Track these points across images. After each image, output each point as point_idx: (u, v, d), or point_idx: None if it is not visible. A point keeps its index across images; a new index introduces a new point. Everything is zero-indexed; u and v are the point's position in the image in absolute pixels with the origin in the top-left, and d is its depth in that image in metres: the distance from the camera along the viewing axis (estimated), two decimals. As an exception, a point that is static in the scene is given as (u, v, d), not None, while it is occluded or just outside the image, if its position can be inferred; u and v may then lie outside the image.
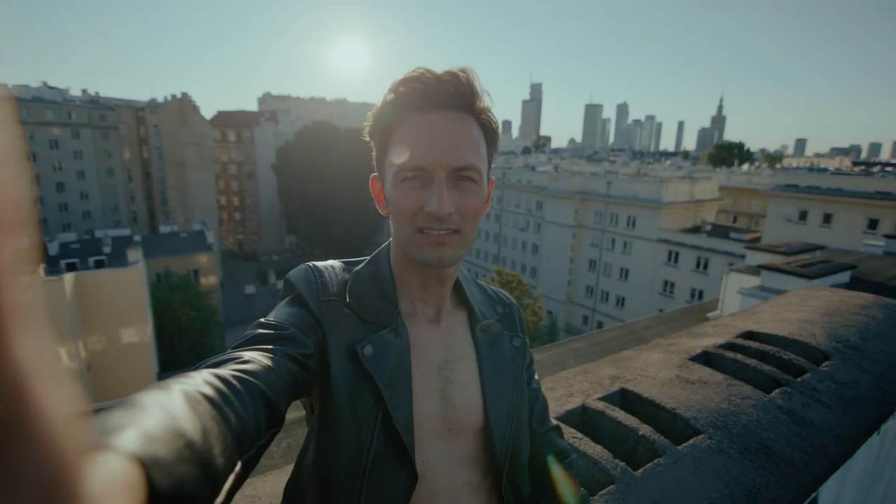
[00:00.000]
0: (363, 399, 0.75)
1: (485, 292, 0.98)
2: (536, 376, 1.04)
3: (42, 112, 44.82)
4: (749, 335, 2.46)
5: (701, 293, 29.40)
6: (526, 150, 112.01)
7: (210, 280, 34.27)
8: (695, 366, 2.06)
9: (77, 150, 47.54)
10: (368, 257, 0.90)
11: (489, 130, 0.80)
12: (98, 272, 22.77)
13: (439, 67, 0.76)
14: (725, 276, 11.16)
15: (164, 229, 39.66)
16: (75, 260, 25.50)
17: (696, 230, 32.51)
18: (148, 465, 0.32)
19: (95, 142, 48.97)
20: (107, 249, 28.67)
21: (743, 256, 13.55)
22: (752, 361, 2.08)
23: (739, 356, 2.14)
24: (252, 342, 0.66)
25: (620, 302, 35.43)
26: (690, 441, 1.53)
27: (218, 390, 0.49)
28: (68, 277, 19.64)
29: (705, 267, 29.84)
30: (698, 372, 1.99)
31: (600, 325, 34.76)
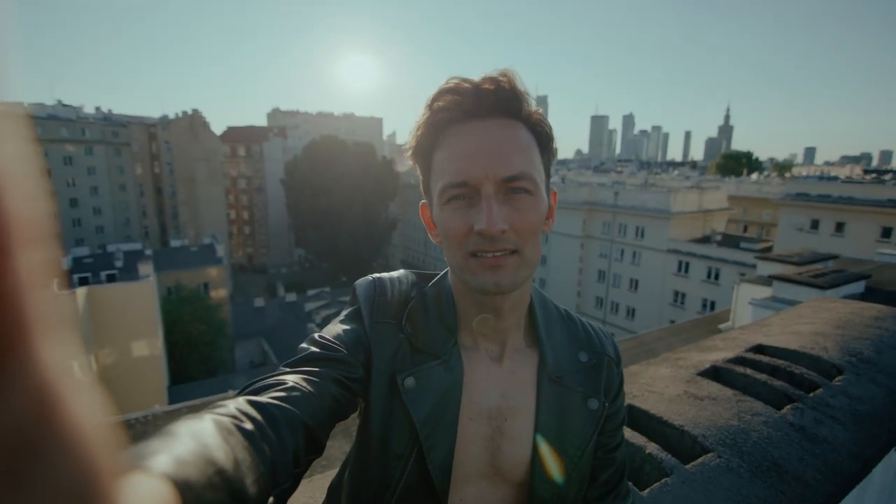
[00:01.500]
0: (398, 433, 0.70)
1: (573, 332, 0.84)
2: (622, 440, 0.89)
3: (57, 129, 45.83)
4: (759, 349, 2.42)
5: (713, 304, 29.03)
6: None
7: (220, 293, 34.51)
8: (703, 381, 2.02)
9: (90, 167, 48.44)
10: (442, 272, 0.82)
11: (541, 136, 0.71)
12: (110, 286, 23.06)
13: (475, 75, 0.69)
14: (736, 286, 11.01)
15: (174, 243, 40.10)
16: (88, 274, 25.81)
17: (705, 240, 32.24)
18: (180, 488, 0.32)
19: (108, 158, 49.87)
20: (119, 263, 29.00)
21: (754, 266, 13.40)
22: (763, 376, 2.05)
23: (749, 371, 2.10)
24: (302, 362, 0.65)
25: (631, 313, 35.09)
26: (699, 459, 1.50)
27: (254, 420, 0.48)
28: (80, 291, 19.91)
29: (716, 277, 29.52)
30: (707, 387, 1.96)
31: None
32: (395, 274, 0.83)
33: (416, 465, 0.70)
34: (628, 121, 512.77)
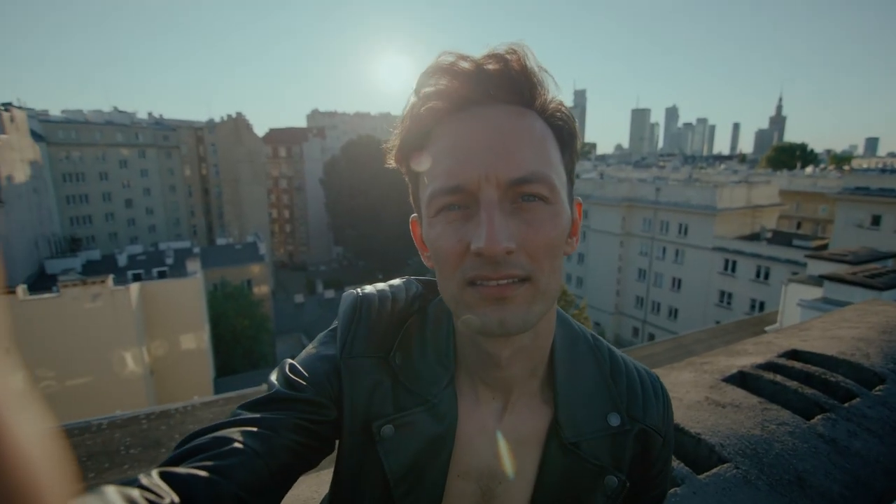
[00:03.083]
0: (371, 487, 0.60)
1: (609, 385, 0.65)
2: None
3: (113, 134, 48.70)
4: (793, 354, 2.28)
5: (762, 304, 27.67)
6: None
7: (262, 289, 35.74)
8: (728, 387, 1.93)
9: (143, 169, 51.24)
10: None
11: (561, 130, 0.56)
12: (160, 282, 24.31)
13: (477, 50, 0.53)
14: (785, 286, 10.46)
15: (220, 241, 41.88)
16: (141, 271, 27.34)
17: (754, 237, 30.73)
18: None
19: (160, 160, 52.62)
20: (169, 261, 30.60)
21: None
22: (794, 384, 1.93)
23: (779, 378, 1.99)
24: (262, 404, 0.56)
25: (673, 313, 33.92)
26: (714, 470, 1.44)
27: (168, 496, 0.43)
28: (134, 287, 21.06)
29: (766, 276, 28.09)
30: (731, 394, 1.87)
31: (652, 337, 33.40)
32: (393, 284, 0.69)
33: None
34: (671, 113, 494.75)
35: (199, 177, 55.91)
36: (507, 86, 0.52)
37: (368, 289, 0.68)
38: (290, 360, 0.62)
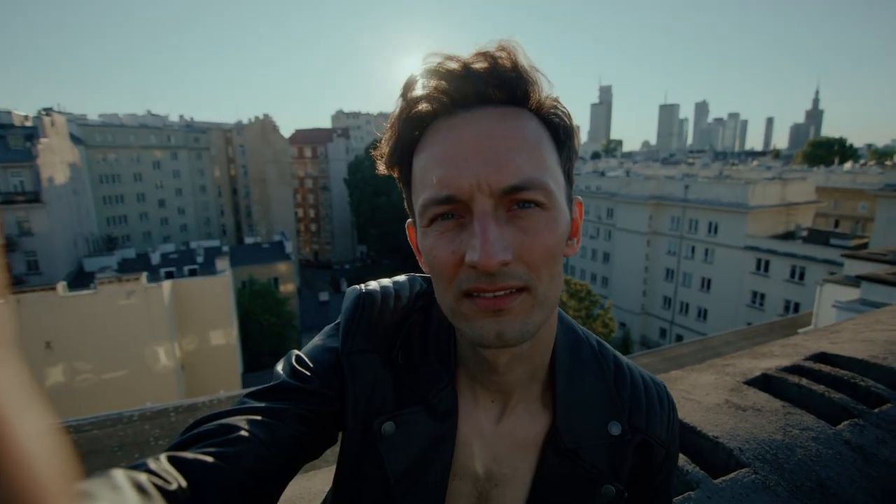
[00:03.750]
0: (371, 486, 0.60)
1: (612, 393, 0.64)
2: None
3: (147, 137, 50.44)
4: (822, 357, 2.20)
5: (797, 306, 26.70)
6: (595, 156, 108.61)
7: (288, 287, 36.44)
8: (750, 390, 1.88)
9: (175, 170, 52.86)
10: None
11: (558, 129, 0.53)
12: (191, 280, 25.08)
13: (467, 49, 0.51)
14: (819, 287, 10.08)
15: (248, 240, 42.91)
16: (173, 269, 28.23)
17: (789, 236, 29.66)
18: None
19: (191, 162, 54.19)
20: (200, 259, 31.52)
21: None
22: (820, 388, 1.86)
23: (805, 381, 1.92)
24: (267, 393, 0.57)
25: (702, 314, 33.07)
26: (731, 474, 1.40)
27: (176, 481, 0.43)
28: (166, 284, 21.79)
29: (801, 277, 27.08)
30: (753, 397, 1.81)
31: (680, 338, 32.63)
32: (398, 281, 0.69)
33: None
34: (701, 109, 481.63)
35: (228, 177, 57.36)
36: (498, 85, 0.50)
37: (372, 285, 0.68)
38: (296, 352, 0.63)
